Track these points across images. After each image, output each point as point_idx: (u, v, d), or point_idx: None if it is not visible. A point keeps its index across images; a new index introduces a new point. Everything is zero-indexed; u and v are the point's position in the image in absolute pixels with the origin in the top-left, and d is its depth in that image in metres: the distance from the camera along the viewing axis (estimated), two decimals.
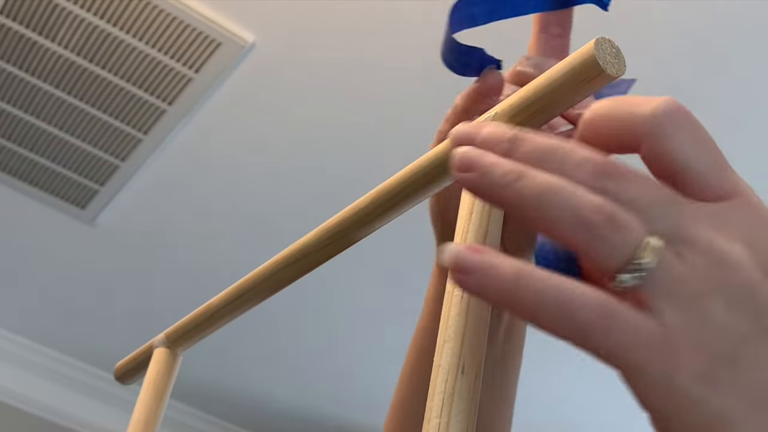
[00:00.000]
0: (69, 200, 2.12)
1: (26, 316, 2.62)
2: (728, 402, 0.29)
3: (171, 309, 2.39)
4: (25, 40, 1.76)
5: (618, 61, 0.35)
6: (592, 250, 0.29)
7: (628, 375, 0.29)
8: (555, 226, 0.29)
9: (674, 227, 0.29)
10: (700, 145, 0.31)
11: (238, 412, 2.88)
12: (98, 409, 2.80)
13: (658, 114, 0.30)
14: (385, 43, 1.66)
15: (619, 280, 0.29)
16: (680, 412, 0.29)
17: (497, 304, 0.29)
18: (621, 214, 0.29)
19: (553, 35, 0.52)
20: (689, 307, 0.29)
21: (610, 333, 0.28)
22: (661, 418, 0.29)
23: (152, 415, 0.54)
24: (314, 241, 0.45)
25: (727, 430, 0.29)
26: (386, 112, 1.78)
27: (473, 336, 0.33)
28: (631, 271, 0.29)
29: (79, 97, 1.86)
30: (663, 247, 0.29)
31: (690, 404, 0.29)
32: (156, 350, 0.56)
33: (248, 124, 1.87)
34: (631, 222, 0.29)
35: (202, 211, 2.11)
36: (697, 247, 0.29)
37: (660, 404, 0.29)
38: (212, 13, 1.67)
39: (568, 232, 0.29)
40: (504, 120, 0.38)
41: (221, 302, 0.52)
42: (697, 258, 0.29)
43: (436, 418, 0.32)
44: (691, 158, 0.31)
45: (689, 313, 0.29)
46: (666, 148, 0.31)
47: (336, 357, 2.50)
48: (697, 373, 0.28)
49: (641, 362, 0.28)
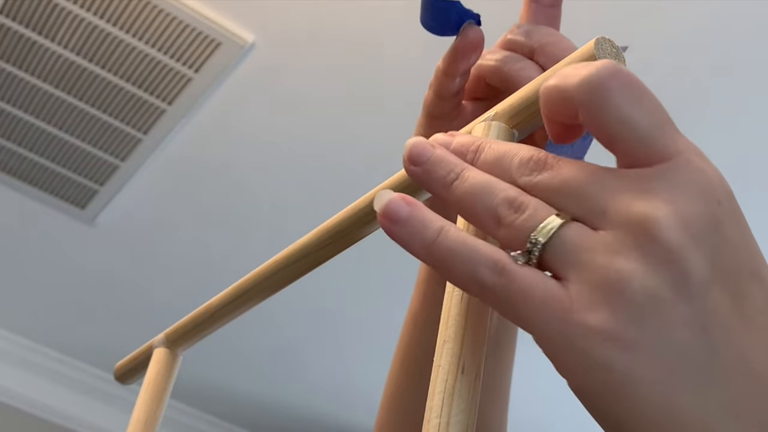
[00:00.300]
0: (69, 200, 2.12)
1: (26, 316, 2.62)
2: (637, 364, 0.28)
3: (171, 309, 2.39)
4: (24, 40, 1.76)
5: (618, 60, 0.35)
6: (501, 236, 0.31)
7: (536, 339, 0.30)
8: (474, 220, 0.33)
9: (591, 203, 0.30)
10: (634, 109, 0.30)
11: (238, 412, 2.88)
12: (98, 409, 2.80)
13: (585, 84, 0.31)
14: (386, 43, 1.66)
15: (513, 256, 0.31)
16: (587, 375, 0.29)
17: (415, 255, 0.32)
18: (528, 202, 0.31)
19: (544, 5, 0.51)
20: (594, 271, 0.29)
21: (505, 290, 0.30)
22: (573, 384, 0.29)
23: (152, 415, 0.54)
24: (314, 241, 0.45)
25: (638, 392, 0.28)
26: (387, 112, 1.78)
27: (473, 336, 0.33)
28: (526, 248, 0.30)
29: (78, 97, 1.86)
30: (564, 223, 0.30)
31: (596, 367, 0.28)
32: (156, 350, 0.56)
33: (248, 124, 1.87)
34: (537, 208, 0.31)
35: (201, 211, 2.11)
36: (611, 216, 0.29)
37: (568, 368, 0.29)
38: (212, 13, 1.67)
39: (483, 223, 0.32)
40: (504, 120, 0.38)
41: (221, 302, 0.52)
42: (611, 227, 0.29)
43: (436, 418, 0.32)
44: (623, 126, 0.30)
45: (593, 276, 0.29)
46: (597, 119, 0.30)
47: (336, 357, 2.50)
48: (600, 334, 0.28)
49: (537, 321, 0.29)
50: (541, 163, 0.32)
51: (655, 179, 0.30)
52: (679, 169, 0.30)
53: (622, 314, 0.28)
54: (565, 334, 0.29)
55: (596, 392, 0.29)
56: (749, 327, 0.29)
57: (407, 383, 0.56)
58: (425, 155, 0.34)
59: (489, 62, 0.49)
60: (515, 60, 0.48)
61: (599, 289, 0.29)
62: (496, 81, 0.49)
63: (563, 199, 0.31)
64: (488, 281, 0.30)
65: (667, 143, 0.30)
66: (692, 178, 0.30)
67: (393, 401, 0.57)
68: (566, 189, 0.31)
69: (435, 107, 0.52)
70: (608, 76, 0.30)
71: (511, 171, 0.32)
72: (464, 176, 0.33)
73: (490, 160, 0.33)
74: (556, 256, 0.30)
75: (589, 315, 0.28)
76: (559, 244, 0.30)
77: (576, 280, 0.29)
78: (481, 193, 0.32)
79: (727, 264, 0.29)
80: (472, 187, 0.32)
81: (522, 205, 0.31)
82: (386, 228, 0.33)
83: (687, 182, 0.29)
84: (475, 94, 0.52)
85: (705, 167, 0.30)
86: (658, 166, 0.30)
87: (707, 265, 0.29)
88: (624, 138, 0.30)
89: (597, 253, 0.29)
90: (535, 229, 0.30)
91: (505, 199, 0.31)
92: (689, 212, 0.29)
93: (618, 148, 0.31)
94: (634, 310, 0.28)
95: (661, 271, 0.28)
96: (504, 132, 0.37)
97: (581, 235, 0.30)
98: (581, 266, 0.29)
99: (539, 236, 0.30)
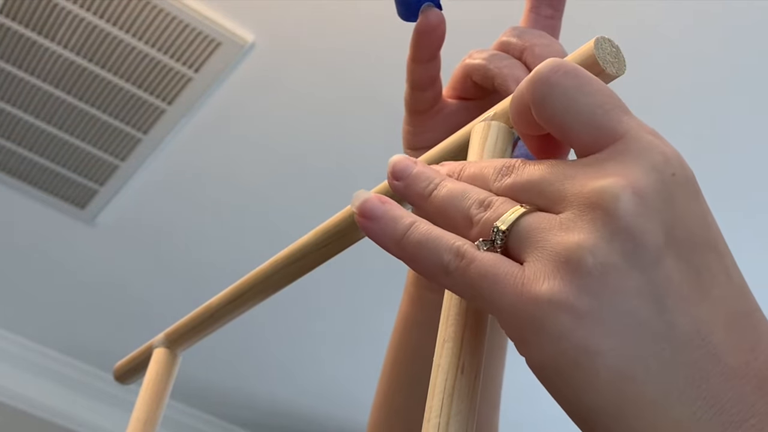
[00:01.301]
0: (69, 200, 2.12)
1: (26, 316, 2.62)
2: (591, 334, 0.28)
3: (171, 309, 2.39)
4: (24, 39, 1.76)
5: (617, 60, 0.35)
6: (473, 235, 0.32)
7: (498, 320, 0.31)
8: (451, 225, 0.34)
9: (551, 193, 0.31)
10: (577, 97, 0.31)
11: (238, 412, 2.88)
12: (98, 409, 2.80)
13: (529, 83, 0.32)
14: (386, 42, 1.66)
15: (476, 244, 0.32)
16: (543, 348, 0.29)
17: (388, 250, 0.34)
18: (495, 200, 0.33)
19: (543, 15, 0.52)
20: (548, 248, 0.30)
21: (466, 272, 0.31)
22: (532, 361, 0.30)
23: (152, 415, 0.54)
24: (314, 241, 0.45)
25: (594, 364, 0.28)
26: (388, 112, 1.78)
27: (473, 336, 0.33)
28: (490, 237, 0.32)
29: (78, 97, 1.86)
30: (525, 212, 0.31)
31: (550, 337, 0.29)
32: (156, 350, 0.56)
33: (248, 124, 1.87)
34: (503, 203, 0.32)
35: (201, 211, 2.11)
36: (569, 200, 0.30)
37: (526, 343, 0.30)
38: (212, 13, 1.67)
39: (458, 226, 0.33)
40: (503, 120, 0.38)
41: (221, 302, 0.52)
42: (567, 207, 0.30)
43: (436, 417, 0.32)
44: (568, 114, 0.31)
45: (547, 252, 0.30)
46: (545, 113, 0.32)
47: (336, 357, 2.50)
48: (552, 303, 0.29)
49: (495, 299, 0.30)
50: (511, 168, 0.33)
51: (608, 160, 0.30)
52: (630, 146, 0.30)
53: (573, 283, 0.29)
54: (520, 308, 0.29)
55: (553, 367, 0.29)
56: (705, 299, 0.29)
57: (397, 383, 0.57)
58: (407, 171, 0.36)
59: (475, 60, 0.50)
60: (501, 58, 0.48)
61: (552, 262, 0.29)
62: (481, 78, 0.49)
63: (527, 194, 0.32)
64: (451, 266, 0.31)
65: (613, 125, 0.31)
66: (643, 153, 0.30)
67: (384, 401, 0.58)
68: (529, 185, 0.32)
69: (413, 101, 0.52)
70: (548, 70, 0.32)
71: (487, 180, 0.34)
72: (442, 185, 0.34)
73: (470, 173, 0.35)
74: (517, 242, 0.31)
75: (541, 285, 0.29)
76: (520, 231, 0.31)
77: (532, 259, 0.30)
78: (456, 199, 0.34)
79: (681, 235, 0.29)
80: (449, 193, 0.34)
81: (491, 204, 0.32)
82: (361, 225, 0.34)
83: (638, 157, 0.30)
84: (462, 93, 0.52)
85: (657, 143, 0.31)
86: (609, 147, 0.31)
87: (661, 235, 0.29)
88: (571, 126, 0.31)
89: (552, 231, 0.30)
90: (498, 219, 0.32)
91: (476, 201, 0.33)
92: (642, 184, 0.29)
93: (569, 137, 0.32)
94: (586, 279, 0.29)
95: (614, 241, 0.29)
96: (503, 131, 0.38)
97: (539, 220, 0.31)
98: (537, 245, 0.30)
99: (501, 224, 0.31)
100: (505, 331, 0.31)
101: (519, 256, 0.31)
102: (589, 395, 0.28)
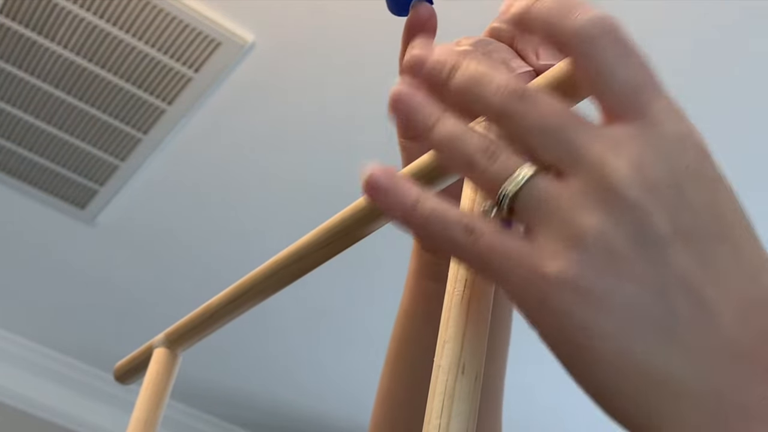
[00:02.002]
0: (69, 200, 2.12)
1: (26, 316, 2.62)
2: (595, 315, 0.29)
3: (171, 309, 2.39)
4: (24, 39, 1.76)
5: None
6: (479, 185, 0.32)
7: (508, 294, 0.31)
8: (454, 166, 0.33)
9: (565, 149, 0.31)
10: (620, 65, 0.31)
11: (238, 412, 2.88)
12: (98, 409, 2.80)
13: (581, 33, 0.32)
14: (386, 42, 1.66)
15: (485, 209, 0.32)
16: (550, 323, 0.30)
17: (396, 221, 0.34)
18: (501, 151, 0.32)
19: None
20: (558, 224, 0.30)
21: (475, 246, 0.31)
22: (542, 334, 0.30)
23: (152, 415, 0.54)
24: (314, 241, 0.45)
25: (597, 345, 0.29)
26: (387, 112, 1.78)
27: (473, 336, 0.33)
28: (497, 199, 0.32)
29: (78, 97, 1.86)
30: (533, 173, 0.31)
31: (555, 313, 0.29)
32: (156, 350, 0.56)
33: (248, 124, 1.87)
34: (508, 158, 0.32)
35: (201, 211, 2.11)
36: (581, 166, 0.30)
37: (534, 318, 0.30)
38: (212, 13, 1.67)
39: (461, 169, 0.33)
40: None
41: (221, 302, 0.52)
42: (578, 176, 0.30)
43: (437, 418, 0.32)
44: (607, 79, 0.31)
45: (556, 229, 0.30)
46: (585, 67, 0.32)
47: (336, 357, 2.50)
48: (558, 281, 0.29)
49: (504, 273, 0.30)
50: (517, 92, 0.32)
51: (628, 136, 0.30)
52: (653, 127, 0.30)
53: (580, 263, 0.29)
54: (528, 284, 0.30)
55: (560, 341, 0.30)
56: (712, 286, 0.29)
57: (399, 377, 0.56)
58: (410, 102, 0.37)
59: (463, 47, 0.50)
60: (486, 43, 0.49)
61: (561, 240, 0.30)
62: None
63: (538, 139, 0.31)
64: (460, 240, 0.32)
65: (644, 101, 0.31)
66: (663, 139, 0.30)
67: (387, 396, 0.57)
68: (542, 128, 0.31)
69: None
70: (599, 32, 0.31)
71: (487, 96, 0.33)
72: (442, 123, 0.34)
73: (464, 84, 0.34)
74: (525, 208, 0.31)
75: (549, 263, 0.30)
76: (528, 195, 0.31)
77: (541, 232, 0.30)
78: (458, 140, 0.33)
79: (688, 225, 0.30)
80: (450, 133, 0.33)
81: (494, 154, 0.32)
82: (370, 195, 0.34)
83: (657, 142, 0.30)
84: None
85: (681, 129, 0.31)
86: (634, 123, 0.31)
87: (668, 223, 0.29)
88: (602, 91, 0.31)
89: (562, 206, 0.30)
90: (506, 179, 0.31)
91: (479, 148, 0.32)
92: (654, 172, 0.30)
93: (599, 101, 0.32)
94: (592, 260, 0.29)
95: (621, 224, 0.29)
96: None
97: (548, 188, 0.31)
98: (546, 219, 0.30)
99: (509, 186, 0.31)
100: (516, 307, 0.31)
101: (525, 221, 0.31)
102: (594, 374, 0.29)
